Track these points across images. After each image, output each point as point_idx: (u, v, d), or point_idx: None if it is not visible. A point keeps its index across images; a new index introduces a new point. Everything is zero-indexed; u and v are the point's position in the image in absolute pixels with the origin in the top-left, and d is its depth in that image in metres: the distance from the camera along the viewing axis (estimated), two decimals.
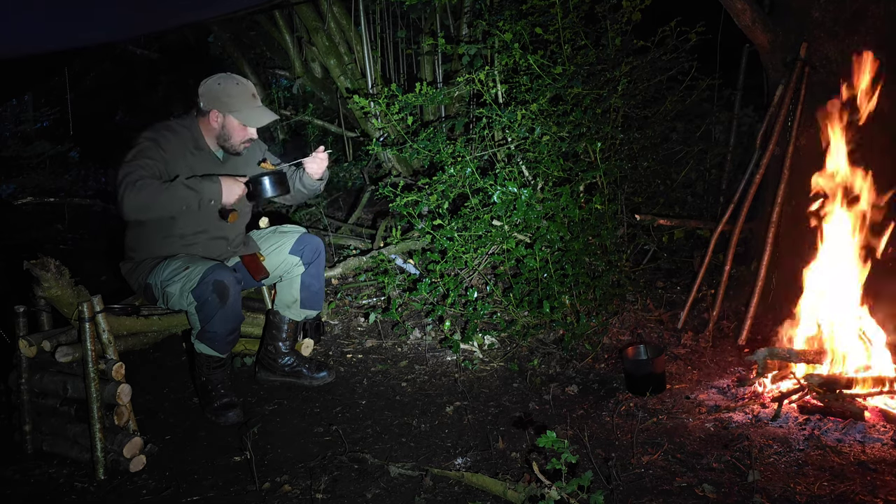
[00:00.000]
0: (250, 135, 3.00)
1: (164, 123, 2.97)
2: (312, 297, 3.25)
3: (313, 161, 3.06)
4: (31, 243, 5.40)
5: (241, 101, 2.93)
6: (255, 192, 2.93)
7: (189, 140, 2.96)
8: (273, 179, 2.93)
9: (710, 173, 4.71)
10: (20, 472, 2.69)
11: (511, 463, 2.57)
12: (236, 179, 2.90)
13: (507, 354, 3.54)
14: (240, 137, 2.98)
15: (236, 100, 2.92)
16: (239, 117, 2.93)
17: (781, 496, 2.28)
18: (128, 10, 3.32)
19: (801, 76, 3.42)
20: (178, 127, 2.96)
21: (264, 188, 2.92)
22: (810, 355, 3.02)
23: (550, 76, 3.72)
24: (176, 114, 3.18)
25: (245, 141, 3.00)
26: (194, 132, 2.98)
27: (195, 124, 2.99)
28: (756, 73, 4.20)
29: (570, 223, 3.70)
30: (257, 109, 2.96)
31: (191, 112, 3.02)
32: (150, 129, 2.93)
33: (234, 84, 2.94)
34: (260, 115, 2.96)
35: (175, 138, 2.92)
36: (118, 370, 2.67)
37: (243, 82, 2.97)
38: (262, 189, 2.92)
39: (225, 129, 2.96)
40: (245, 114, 2.94)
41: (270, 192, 2.94)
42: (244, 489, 2.51)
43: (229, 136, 2.97)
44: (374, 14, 5.28)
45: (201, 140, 2.99)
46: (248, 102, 2.95)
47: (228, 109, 2.92)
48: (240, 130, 2.97)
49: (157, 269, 2.94)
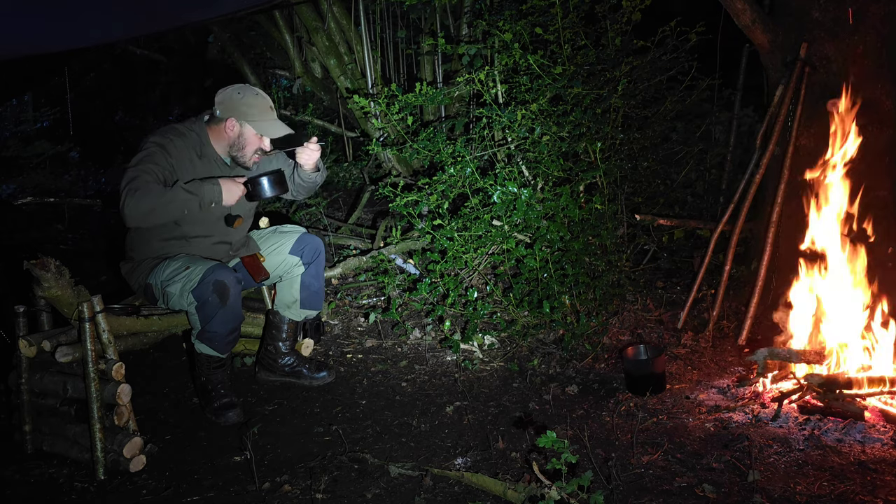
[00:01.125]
0: (264, 146, 3.01)
1: (172, 127, 2.97)
2: (312, 297, 3.25)
3: (303, 152, 3.06)
4: (31, 243, 5.39)
5: (259, 112, 2.95)
6: (254, 193, 2.94)
7: (196, 145, 2.96)
8: (272, 179, 2.94)
9: (710, 173, 4.71)
10: (20, 472, 2.69)
11: (511, 463, 2.57)
12: (235, 181, 2.90)
13: (507, 354, 3.54)
14: (252, 149, 2.99)
15: (255, 110, 2.95)
16: (256, 127, 2.96)
17: (781, 496, 2.28)
18: (128, 11, 3.32)
19: (801, 76, 3.42)
20: (185, 131, 2.96)
21: (263, 188, 2.93)
22: (810, 355, 3.02)
23: (550, 76, 3.72)
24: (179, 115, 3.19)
25: (255, 154, 3.01)
26: (202, 137, 2.98)
27: (203, 130, 2.99)
28: (756, 73, 4.20)
29: (570, 223, 3.70)
30: (274, 122, 2.99)
31: (200, 116, 3.02)
32: (158, 133, 2.93)
33: (254, 95, 2.97)
34: (277, 128, 2.99)
35: (182, 142, 2.92)
36: (118, 370, 2.67)
37: (262, 94, 3.01)
38: (260, 189, 2.93)
39: (241, 139, 2.97)
40: (262, 125, 2.96)
41: (269, 191, 2.95)
42: (244, 489, 2.51)
43: (243, 146, 2.98)
44: (374, 14, 5.28)
45: (207, 146, 2.99)
46: (266, 114, 2.97)
47: (246, 119, 2.94)
48: (255, 141, 2.98)
49: (157, 269, 2.94)
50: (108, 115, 8.60)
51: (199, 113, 3.07)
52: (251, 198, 2.97)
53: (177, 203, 2.73)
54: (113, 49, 7.68)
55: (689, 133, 4.72)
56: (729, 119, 4.64)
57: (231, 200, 2.87)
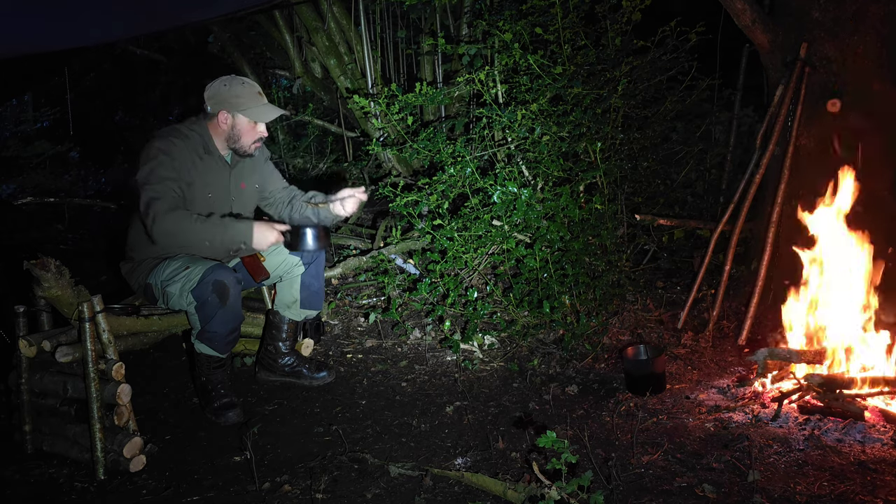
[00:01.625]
0: (260, 133, 2.99)
1: (173, 128, 2.96)
2: (312, 297, 3.25)
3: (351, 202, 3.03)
4: (31, 243, 5.40)
5: (248, 99, 2.94)
6: (293, 243, 2.85)
7: (199, 144, 2.95)
8: (315, 233, 2.84)
9: (710, 173, 4.71)
10: (20, 472, 2.69)
11: (511, 463, 2.57)
12: (273, 226, 2.87)
13: (507, 354, 3.54)
14: (250, 137, 2.98)
15: (244, 99, 2.93)
16: (248, 114, 2.93)
17: (781, 496, 2.28)
18: (128, 11, 3.32)
19: (801, 76, 3.42)
20: (187, 131, 2.95)
21: (305, 241, 2.82)
22: (810, 355, 3.02)
23: (550, 76, 3.72)
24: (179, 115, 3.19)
25: (256, 140, 3.00)
26: (204, 136, 2.97)
27: (205, 128, 2.98)
28: (756, 73, 4.20)
29: (570, 223, 3.70)
30: (265, 106, 2.97)
31: (200, 115, 3.01)
32: (160, 137, 2.90)
33: (240, 84, 2.95)
34: (268, 111, 2.97)
35: (184, 144, 2.90)
36: (118, 370, 2.67)
37: (248, 81, 2.98)
38: (302, 242, 2.82)
39: (235, 130, 2.96)
40: (253, 111, 2.94)
41: (312, 245, 2.84)
42: (244, 489, 2.51)
43: (239, 137, 2.97)
44: (374, 14, 5.28)
45: (211, 144, 2.98)
46: (256, 100, 2.95)
47: (237, 109, 2.93)
48: (250, 129, 2.96)
49: (157, 269, 2.94)
50: (108, 115, 8.60)
51: (199, 113, 3.06)
52: (290, 247, 2.88)
53: (205, 235, 2.75)
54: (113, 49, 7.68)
55: (689, 133, 4.72)
56: (729, 119, 4.64)
57: (263, 245, 2.84)
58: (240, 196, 3.10)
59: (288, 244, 2.90)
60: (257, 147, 3.03)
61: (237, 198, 3.09)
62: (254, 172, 3.16)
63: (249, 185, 3.15)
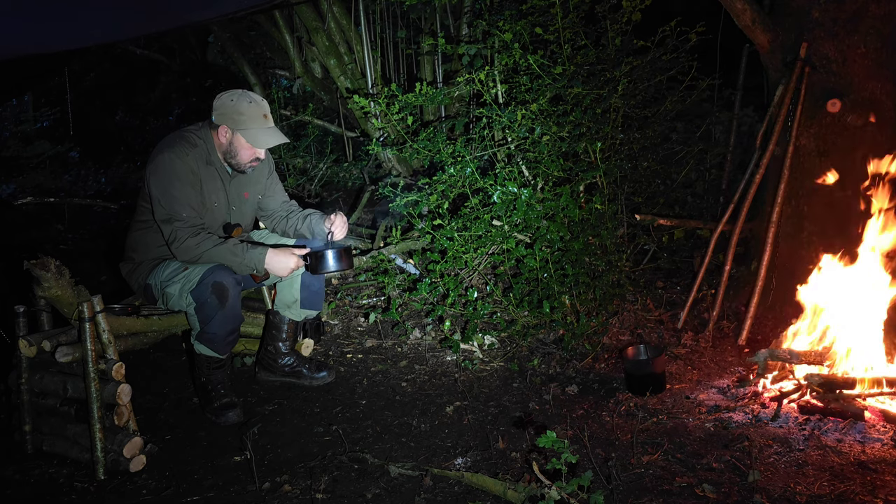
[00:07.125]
0: (257, 155, 2.97)
1: (183, 136, 2.94)
2: (312, 297, 3.25)
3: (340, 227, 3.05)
4: (31, 243, 5.40)
5: (251, 120, 2.90)
6: (315, 266, 2.87)
7: (203, 154, 2.95)
8: (336, 254, 2.86)
9: (710, 173, 4.71)
10: (20, 472, 2.69)
11: (511, 463, 2.57)
12: (292, 251, 2.89)
13: (507, 354, 3.54)
14: (247, 157, 2.96)
15: (247, 118, 2.90)
16: (247, 136, 2.91)
17: (781, 496, 2.28)
18: (128, 11, 3.32)
19: (801, 76, 3.42)
20: (194, 139, 2.94)
21: (326, 264, 2.86)
22: (811, 356, 3.01)
23: (550, 76, 3.72)
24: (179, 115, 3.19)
25: (252, 161, 2.98)
26: (208, 145, 2.96)
27: (210, 137, 2.97)
28: (756, 73, 4.20)
29: (570, 223, 3.70)
30: (267, 130, 2.93)
31: (206, 122, 3.00)
32: (170, 147, 2.88)
33: (247, 102, 2.91)
34: (268, 137, 2.93)
35: (193, 153, 2.90)
36: (118, 370, 2.67)
37: (257, 101, 2.94)
38: (323, 265, 2.86)
39: (232, 147, 2.94)
40: (253, 133, 2.91)
41: (334, 266, 2.87)
42: (244, 489, 2.51)
43: (236, 154, 2.96)
44: (374, 14, 5.29)
45: (213, 154, 2.98)
46: (259, 122, 2.91)
47: (238, 127, 2.90)
48: (247, 149, 2.94)
49: (156, 270, 2.95)
50: (108, 115, 8.61)
51: (204, 116, 3.05)
52: (313, 270, 2.90)
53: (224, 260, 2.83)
54: (113, 49, 7.69)
55: (689, 133, 4.72)
56: (729, 119, 4.64)
57: (283, 272, 2.88)
58: (240, 205, 3.11)
59: (310, 267, 2.91)
60: (253, 166, 3.02)
61: (237, 207, 3.09)
62: (257, 183, 3.16)
63: (252, 196, 3.15)
